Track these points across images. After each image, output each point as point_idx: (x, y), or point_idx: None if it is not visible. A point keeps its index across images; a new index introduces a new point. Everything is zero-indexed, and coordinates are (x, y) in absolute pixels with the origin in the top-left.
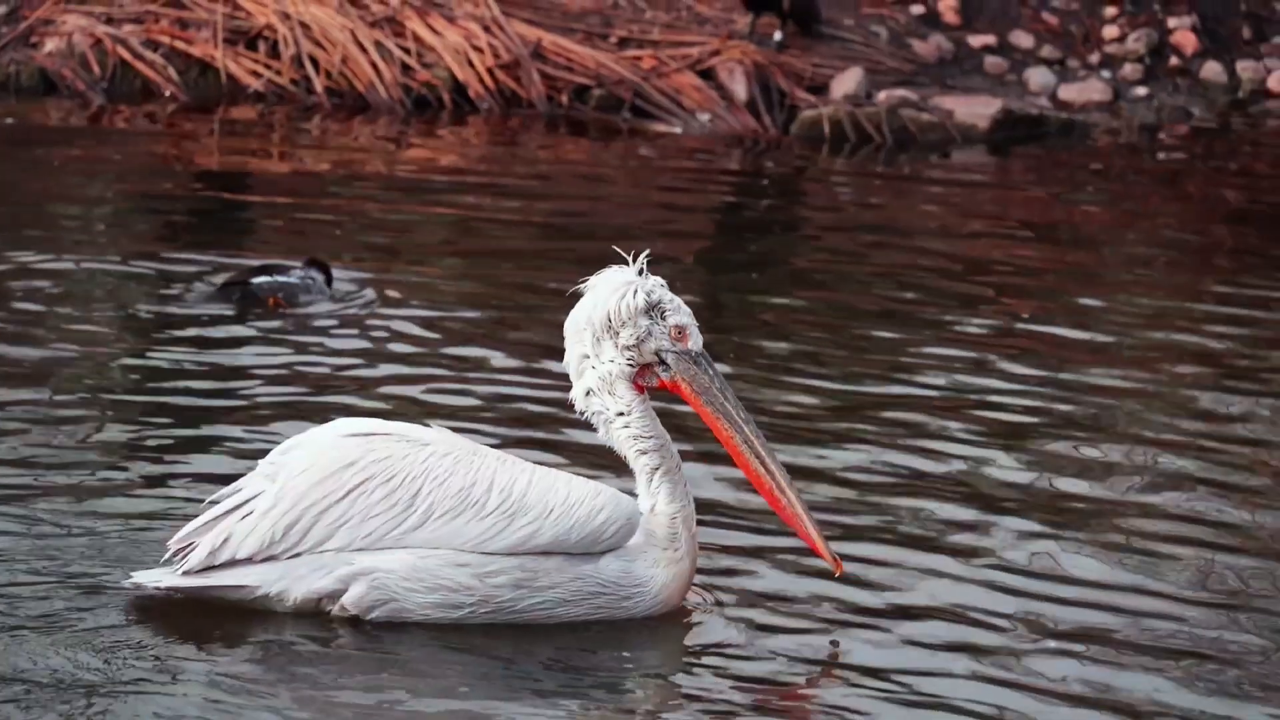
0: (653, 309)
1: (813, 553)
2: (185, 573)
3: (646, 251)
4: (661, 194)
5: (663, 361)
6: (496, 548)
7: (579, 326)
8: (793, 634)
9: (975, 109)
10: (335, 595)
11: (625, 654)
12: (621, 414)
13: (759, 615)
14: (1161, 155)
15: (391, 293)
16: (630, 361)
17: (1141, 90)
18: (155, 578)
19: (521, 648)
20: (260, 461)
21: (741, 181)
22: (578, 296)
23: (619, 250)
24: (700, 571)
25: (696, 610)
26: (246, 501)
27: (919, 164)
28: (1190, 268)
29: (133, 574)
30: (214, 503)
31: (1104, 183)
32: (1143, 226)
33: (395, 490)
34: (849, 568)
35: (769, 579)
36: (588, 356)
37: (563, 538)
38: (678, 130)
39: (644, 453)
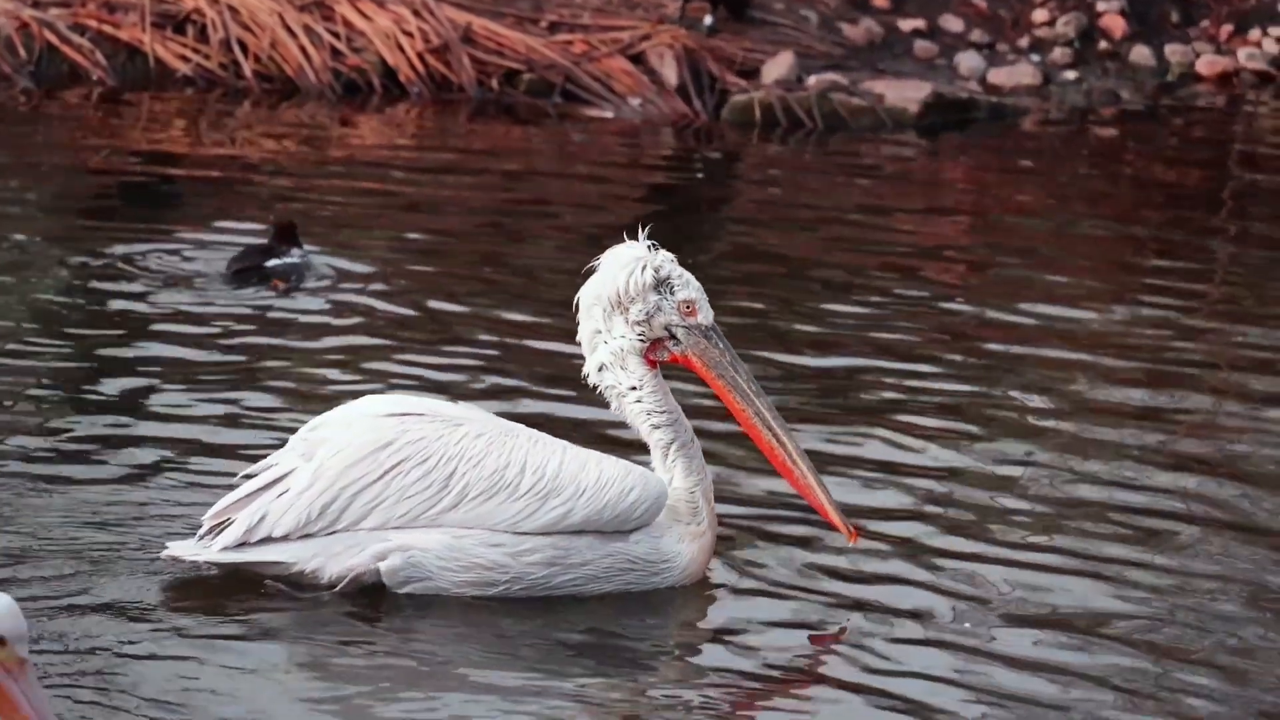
0: (661, 284)
1: (827, 523)
2: (221, 549)
3: (648, 228)
4: (594, 178)
5: (673, 336)
6: (530, 528)
7: (590, 302)
8: (809, 602)
9: (905, 93)
10: (370, 572)
11: (651, 623)
12: (634, 389)
13: (776, 585)
14: (1091, 138)
15: (347, 267)
16: (641, 337)
17: (1071, 74)
18: (192, 551)
19: (551, 618)
20: (291, 437)
21: (674, 166)
22: (528, 272)
23: (557, 231)
24: (718, 541)
25: (718, 580)
26: (281, 478)
27: (850, 148)
28: (1120, 247)
29: (169, 546)
30: (247, 477)
31: (1034, 166)
32: (1073, 208)
33: (431, 471)
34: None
35: (784, 550)
36: (600, 332)
37: (594, 517)
38: (609, 115)
39: (657, 427)
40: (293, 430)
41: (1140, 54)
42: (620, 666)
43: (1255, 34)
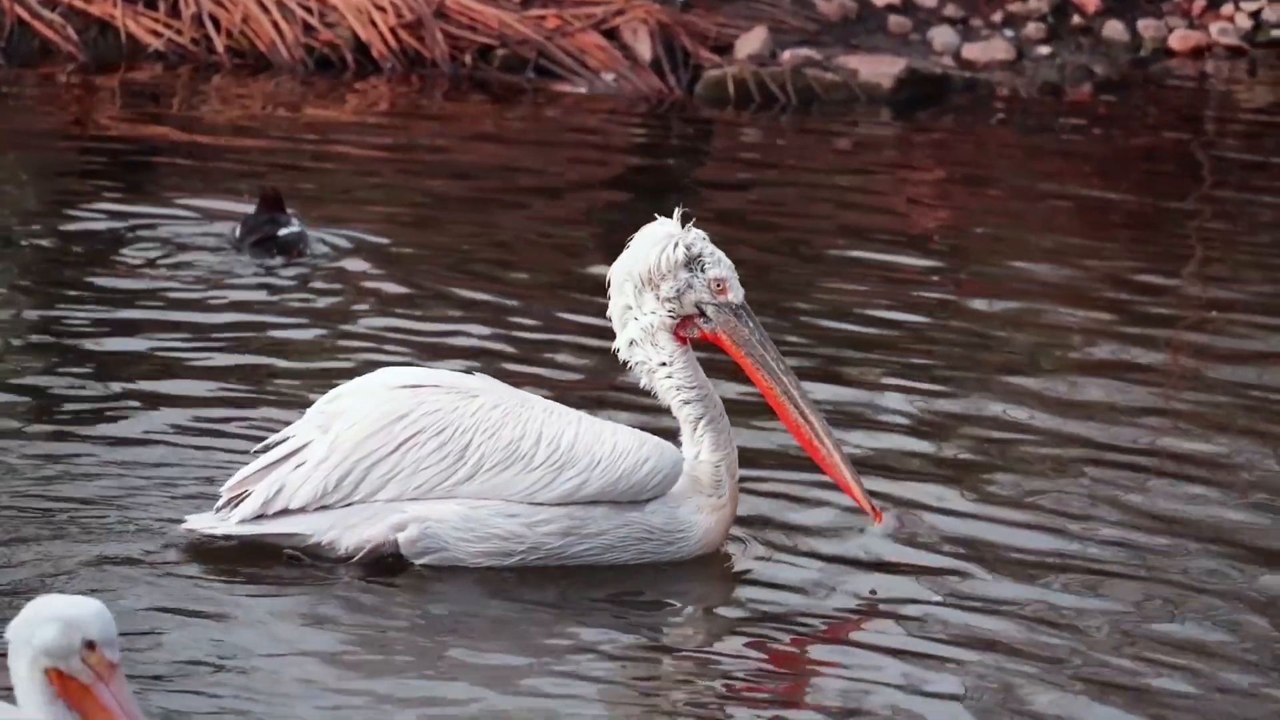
0: (693, 262)
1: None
2: (239, 521)
3: (682, 208)
4: (568, 154)
5: (703, 313)
6: (545, 498)
7: (621, 278)
8: (830, 577)
9: (879, 69)
10: (387, 543)
11: (668, 592)
12: (664, 364)
13: (794, 558)
14: (1065, 113)
15: (333, 240)
16: (671, 313)
17: (1044, 49)
18: (209, 523)
19: (568, 588)
20: (309, 410)
21: (647, 142)
22: (508, 247)
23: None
24: (740, 517)
25: (736, 551)
26: (298, 451)
27: (824, 123)
28: (1094, 221)
29: (187, 518)
30: (264, 450)
31: (1008, 140)
32: (1047, 182)
33: (446, 443)
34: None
35: (807, 526)
36: (630, 308)
37: (609, 488)
38: (582, 90)
39: (687, 402)
40: (308, 403)
41: (1113, 29)
42: (636, 636)
43: (1228, 8)
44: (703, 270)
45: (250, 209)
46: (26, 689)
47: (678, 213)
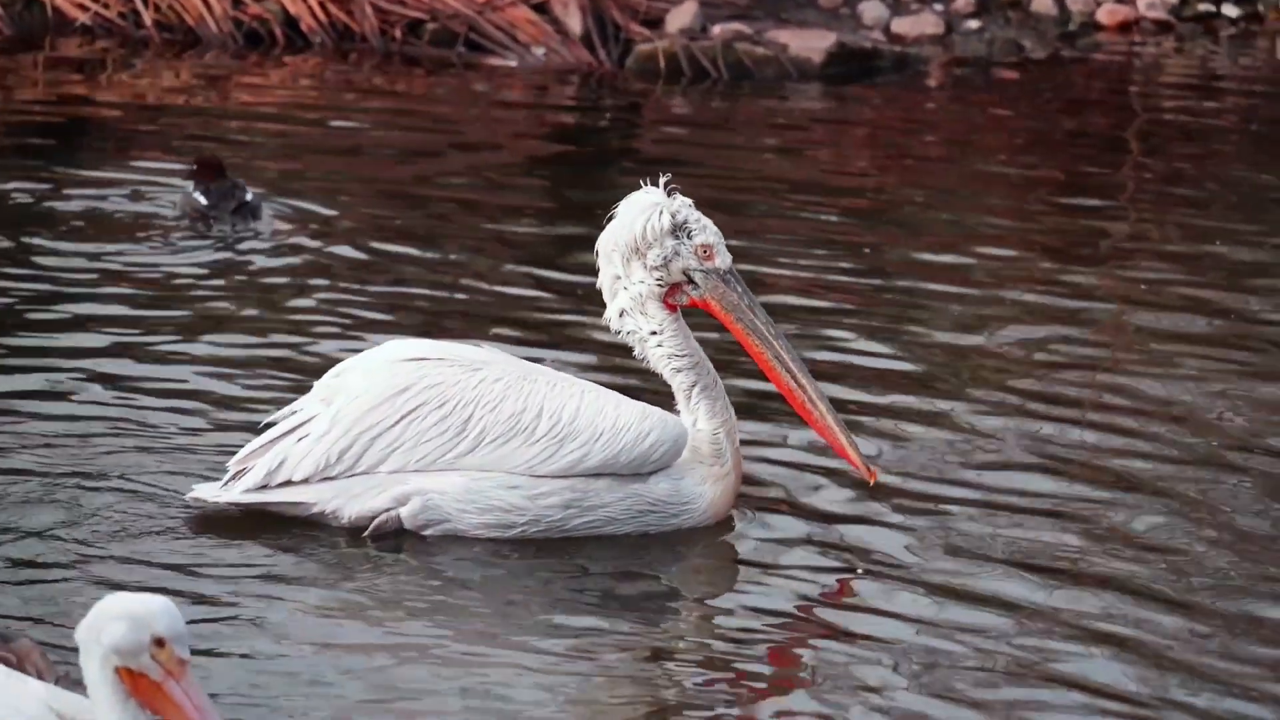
0: (679, 229)
1: (847, 463)
2: (244, 490)
3: (668, 178)
4: (499, 127)
5: (691, 280)
6: (547, 471)
7: (609, 248)
8: (829, 545)
9: (809, 43)
10: (390, 514)
11: (672, 562)
12: (654, 333)
13: (796, 527)
14: (994, 87)
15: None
16: (659, 281)
17: (973, 23)
18: (215, 493)
19: (572, 558)
20: (315, 384)
21: (578, 115)
22: (443, 216)
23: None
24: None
25: (739, 521)
26: (302, 424)
27: (754, 97)
28: (1023, 192)
29: (194, 488)
30: (271, 424)
31: (938, 113)
32: (976, 154)
33: (448, 416)
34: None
35: (801, 489)
36: (619, 277)
37: (611, 460)
38: (513, 64)
39: (679, 370)
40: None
41: (1042, 3)
42: (639, 607)
43: None
44: (689, 237)
45: (191, 178)
46: (99, 689)
47: (662, 180)
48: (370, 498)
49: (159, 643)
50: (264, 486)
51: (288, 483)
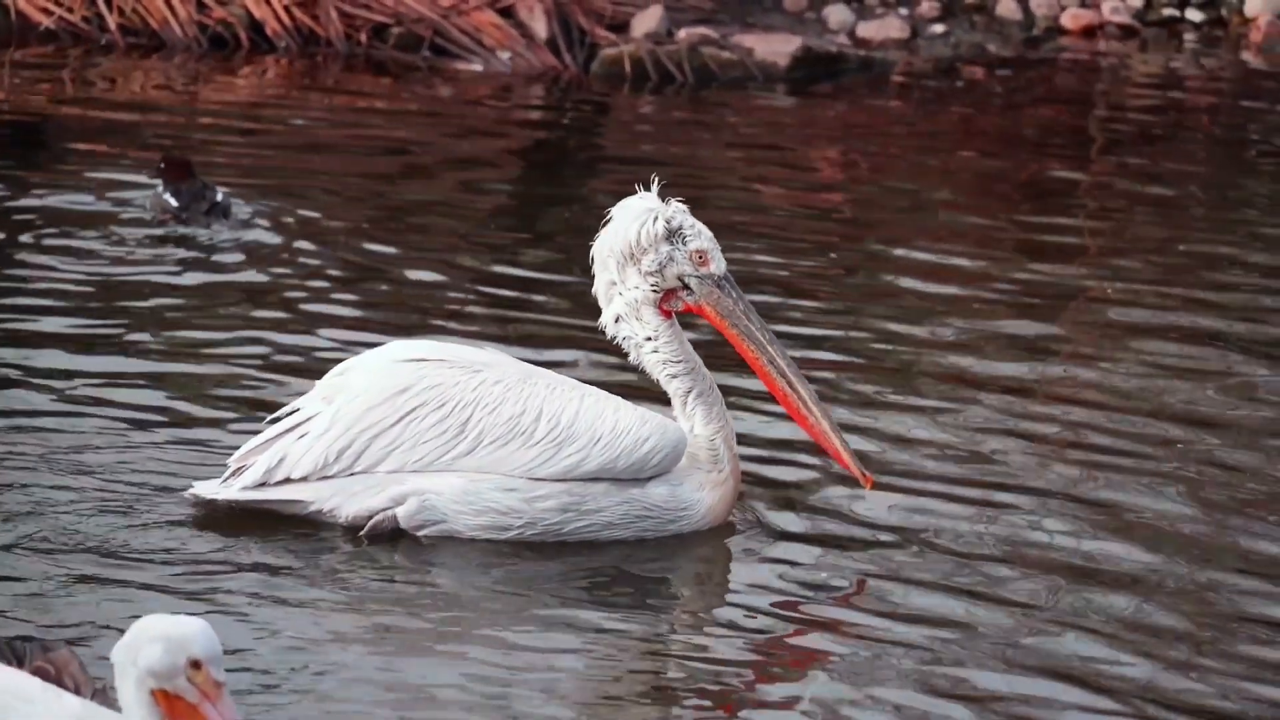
0: (673, 235)
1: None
2: (242, 488)
3: (659, 180)
4: (464, 131)
5: (686, 286)
6: (544, 474)
7: (604, 254)
8: (825, 548)
9: (775, 47)
10: (386, 514)
11: (668, 566)
12: (649, 339)
13: (793, 531)
14: (959, 91)
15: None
16: (654, 287)
17: (939, 28)
18: (214, 490)
19: (568, 560)
20: (317, 382)
21: (544, 120)
22: (405, 212)
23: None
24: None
25: (737, 526)
26: (303, 422)
27: (720, 101)
28: (989, 195)
29: (193, 484)
30: (273, 421)
31: (902, 118)
32: (941, 158)
33: (446, 417)
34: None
35: (799, 495)
36: (615, 283)
37: (609, 465)
38: (478, 69)
39: (675, 376)
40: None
41: (1006, 7)
42: (636, 608)
43: None
44: (684, 243)
45: (158, 178)
46: (134, 711)
47: (655, 186)
48: (368, 497)
49: (195, 665)
50: (263, 484)
51: (286, 480)
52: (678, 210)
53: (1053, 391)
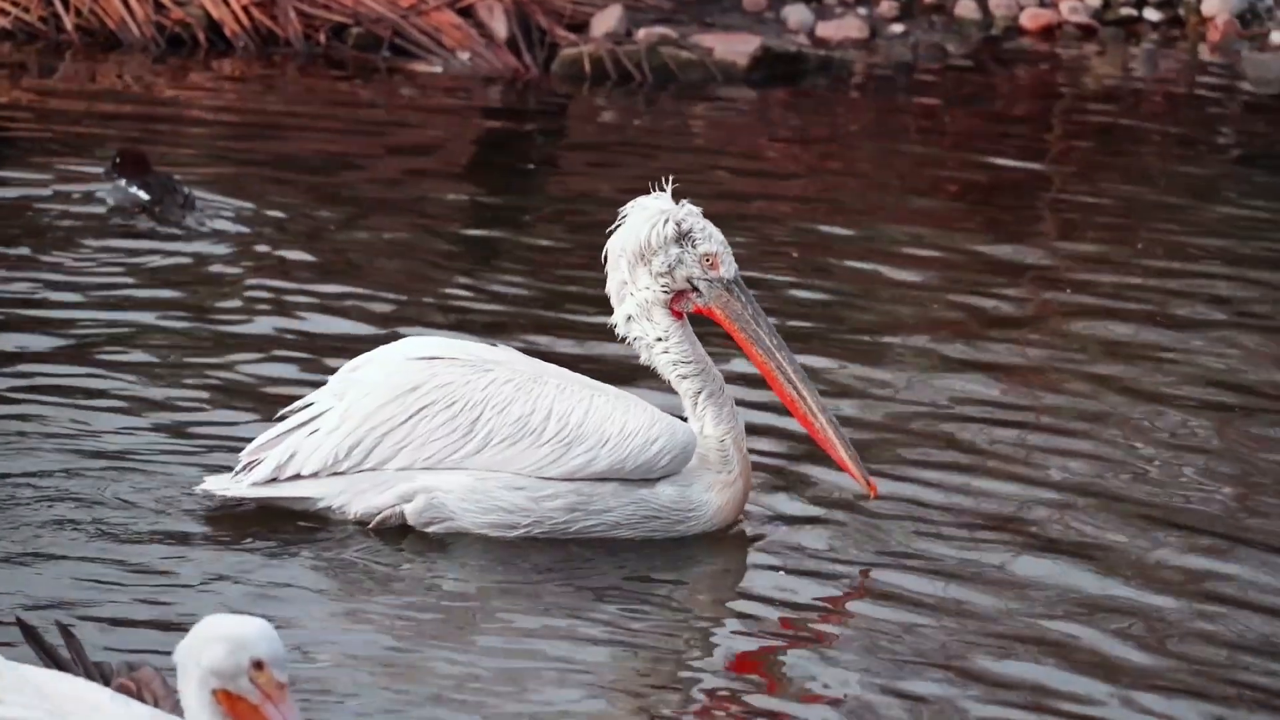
0: (683, 237)
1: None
2: (253, 484)
3: (672, 179)
4: (425, 133)
5: (696, 288)
6: (553, 474)
7: (616, 254)
8: (832, 551)
9: (734, 46)
10: (395, 511)
11: (676, 567)
12: (660, 339)
13: (800, 533)
14: (918, 90)
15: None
16: (664, 288)
17: (898, 27)
18: (224, 485)
19: (577, 557)
20: (330, 378)
21: (504, 121)
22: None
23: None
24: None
25: (745, 527)
26: (314, 419)
27: (679, 101)
28: (948, 194)
29: (205, 480)
30: (284, 417)
31: (862, 118)
32: (901, 158)
33: (456, 416)
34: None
35: (809, 499)
36: (626, 283)
37: (618, 466)
38: (438, 69)
39: (685, 377)
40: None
41: (965, 7)
42: (644, 607)
43: None
44: (694, 246)
45: (115, 172)
46: (196, 711)
47: (669, 187)
48: (377, 494)
49: (258, 665)
50: (273, 480)
51: (297, 476)
52: (689, 213)
53: (1044, 379)
